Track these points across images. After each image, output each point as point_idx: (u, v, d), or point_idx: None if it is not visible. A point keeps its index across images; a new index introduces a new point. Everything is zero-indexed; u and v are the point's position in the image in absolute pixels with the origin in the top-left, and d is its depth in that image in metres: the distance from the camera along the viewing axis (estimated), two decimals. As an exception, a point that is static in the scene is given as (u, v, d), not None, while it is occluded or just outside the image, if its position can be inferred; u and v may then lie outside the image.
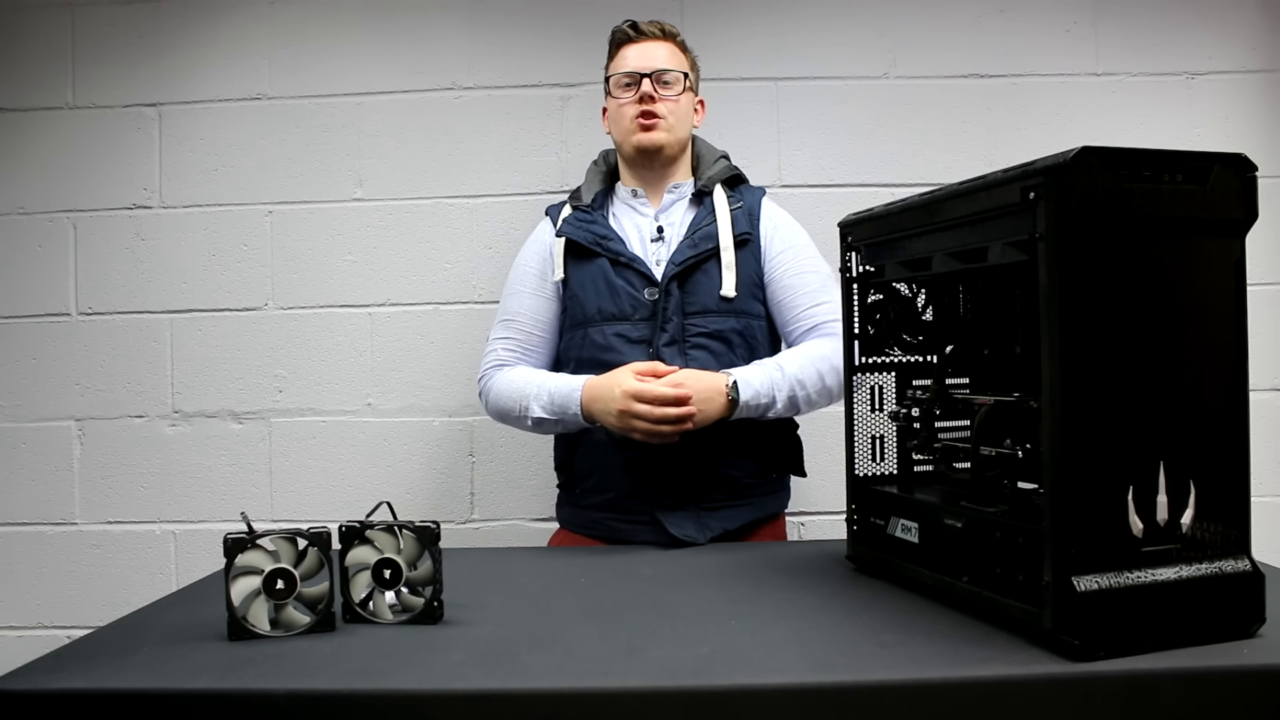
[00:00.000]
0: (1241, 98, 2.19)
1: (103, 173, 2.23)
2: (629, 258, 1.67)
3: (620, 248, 1.69)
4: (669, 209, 1.75)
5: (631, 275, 1.67)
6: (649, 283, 1.66)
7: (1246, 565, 0.93)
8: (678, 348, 1.64)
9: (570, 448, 1.72)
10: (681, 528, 1.57)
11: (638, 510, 1.62)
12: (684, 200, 1.76)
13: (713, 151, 1.82)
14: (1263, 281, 2.16)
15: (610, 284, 1.67)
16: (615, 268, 1.67)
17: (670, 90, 1.71)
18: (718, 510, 1.63)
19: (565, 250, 1.71)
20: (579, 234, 1.70)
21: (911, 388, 1.28)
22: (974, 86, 2.20)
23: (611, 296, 1.66)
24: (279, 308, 2.22)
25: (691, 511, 1.61)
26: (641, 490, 1.61)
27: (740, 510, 1.66)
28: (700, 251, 1.66)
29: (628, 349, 1.63)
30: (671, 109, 1.71)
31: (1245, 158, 0.94)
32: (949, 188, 1.05)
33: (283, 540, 1.03)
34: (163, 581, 2.19)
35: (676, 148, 1.74)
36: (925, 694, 0.85)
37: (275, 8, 2.23)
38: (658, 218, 1.74)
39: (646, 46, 1.74)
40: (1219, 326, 0.94)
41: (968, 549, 1.05)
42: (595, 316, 1.66)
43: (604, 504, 1.67)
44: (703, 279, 1.66)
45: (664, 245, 1.71)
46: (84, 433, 2.23)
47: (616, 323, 1.65)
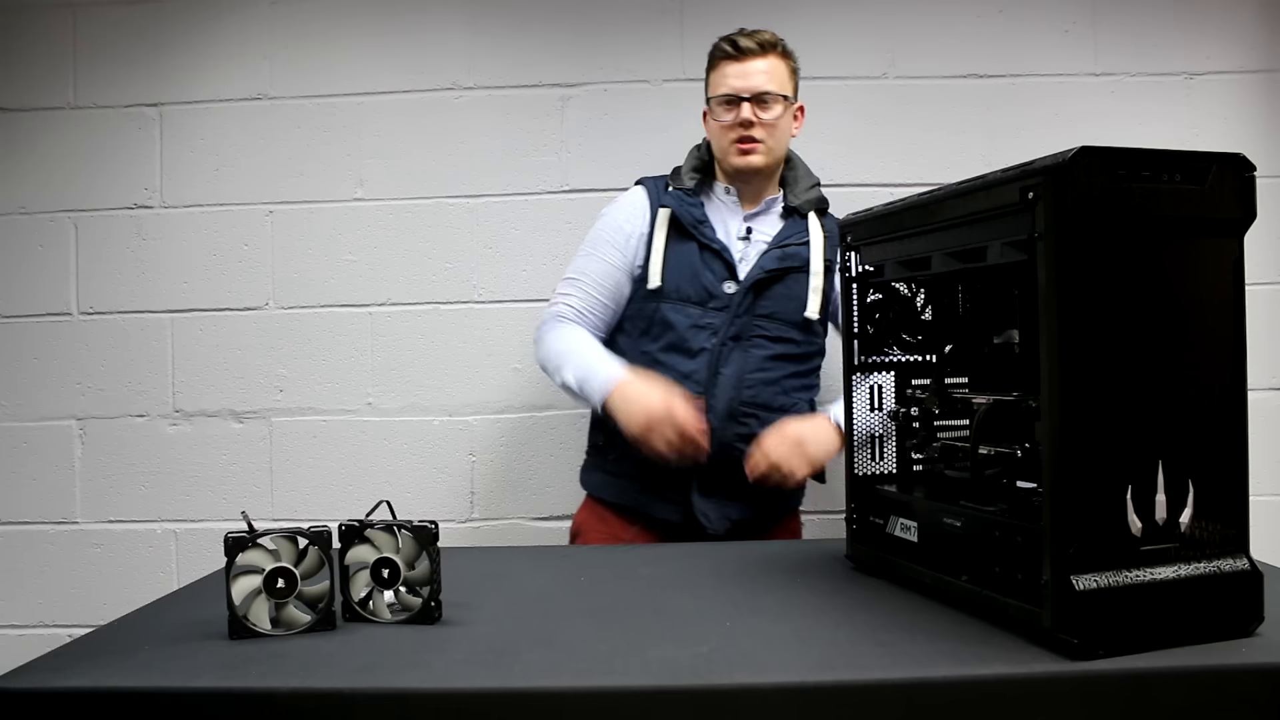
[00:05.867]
0: (1240, 98, 2.19)
1: (104, 173, 2.23)
2: (719, 246, 1.72)
3: (713, 234, 1.73)
4: (761, 215, 1.79)
5: (717, 264, 1.72)
6: (731, 276, 1.71)
7: (1245, 564, 0.93)
8: (742, 345, 1.69)
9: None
10: (706, 514, 1.66)
11: (664, 486, 1.68)
12: (774, 213, 1.80)
13: (809, 175, 1.86)
14: (1261, 281, 2.17)
15: (694, 267, 1.71)
16: (703, 253, 1.72)
17: (769, 112, 1.72)
18: (739, 501, 1.69)
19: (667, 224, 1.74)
20: (682, 212, 1.74)
21: (911, 387, 1.28)
22: (973, 87, 2.20)
23: (693, 279, 1.71)
24: (280, 307, 2.22)
25: (719, 499, 1.68)
26: (677, 469, 1.65)
27: (757, 503, 1.71)
28: (787, 265, 1.72)
29: (693, 332, 1.68)
30: (770, 131, 1.73)
31: (1244, 158, 0.94)
32: (948, 188, 1.05)
33: (283, 539, 1.03)
34: (163, 580, 2.20)
35: (774, 166, 1.79)
36: (925, 693, 0.85)
37: (276, 8, 2.23)
38: (748, 219, 1.78)
39: (748, 65, 1.72)
40: (1218, 326, 0.94)
41: (967, 548, 1.05)
42: (672, 294, 1.70)
43: (634, 473, 1.71)
44: (781, 291, 1.71)
45: (749, 246, 1.75)
46: (85, 432, 2.23)
47: (690, 305, 1.70)
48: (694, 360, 1.69)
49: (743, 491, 1.68)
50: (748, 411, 1.68)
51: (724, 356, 1.68)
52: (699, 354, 1.69)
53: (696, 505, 1.68)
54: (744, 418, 1.68)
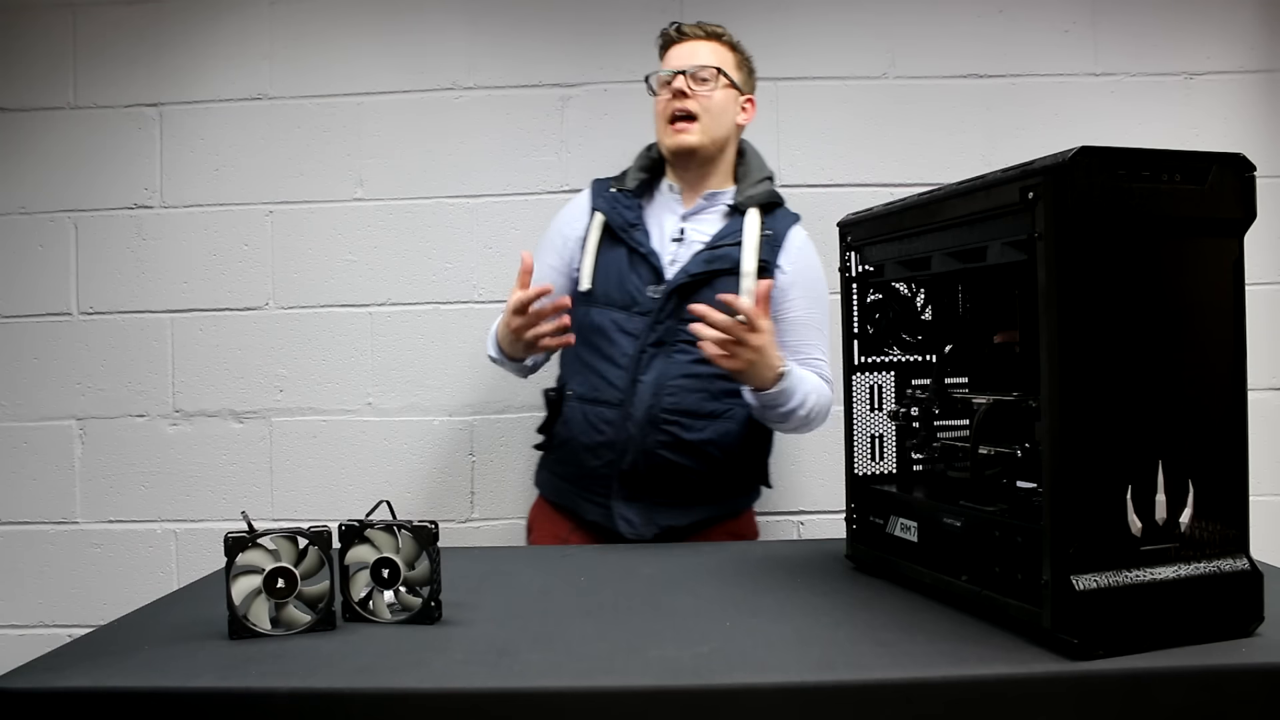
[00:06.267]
0: (1240, 98, 2.19)
1: (104, 173, 2.23)
2: (646, 250, 1.70)
3: (642, 239, 1.72)
4: (699, 214, 1.76)
5: (644, 269, 1.70)
6: (658, 280, 1.69)
7: (1245, 564, 0.93)
8: (665, 351, 1.67)
9: (553, 414, 1.77)
10: (627, 519, 1.66)
11: (594, 490, 1.69)
12: (717, 211, 1.76)
13: (761, 168, 1.81)
14: (1261, 281, 2.17)
15: (622, 271, 1.70)
16: (631, 257, 1.71)
17: (705, 87, 1.71)
18: (669, 507, 1.68)
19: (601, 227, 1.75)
20: (614, 216, 1.74)
21: (911, 387, 1.28)
22: (973, 87, 2.20)
23: (620, 284, 1.70)
24: (280, 307, 2.22)
25: (643, 505, 1.67)
26: (599, 473, 1.68)
27: (694, 509, 1.70)
28: (715, 268, 1.67)
29: (619, 336, 1.68)
30: (706, 105, 1.71)
31: (1243, 157, 0.94)
32: (948, 188, 1.05)
33: (283, 539, 1.03)
34: (163, 580, 2.20)
35: (711, 149, 1.74)
36: (924, 693, 0.85)
37: (276, 8, 2.23)
38: (684, 219, 1.76)
39: (688, 46, 1.75)
40: (1217, 326, 0.94)
41: (967, 548, 1.05)
42: (601, 298, 1.69)
43: (569, 476, 1.74)
44: (709, 295, 1.64)
45: (682, 247, 1.72)
46: (85, 432, 2.24)
47: (616, 310, 1.69)
48: (618, 366, 1.67)
49: (674, 497, 1.67)
50: (669, 419, 1.65)
51: (644, 363, 1.66)
52: (622, 360, 1.67)
53: (616, 510, 1.67)
54: (666, 425, 1.65)
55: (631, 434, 1.65)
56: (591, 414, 1.68)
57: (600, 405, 1.68)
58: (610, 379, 1.67)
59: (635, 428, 1.65)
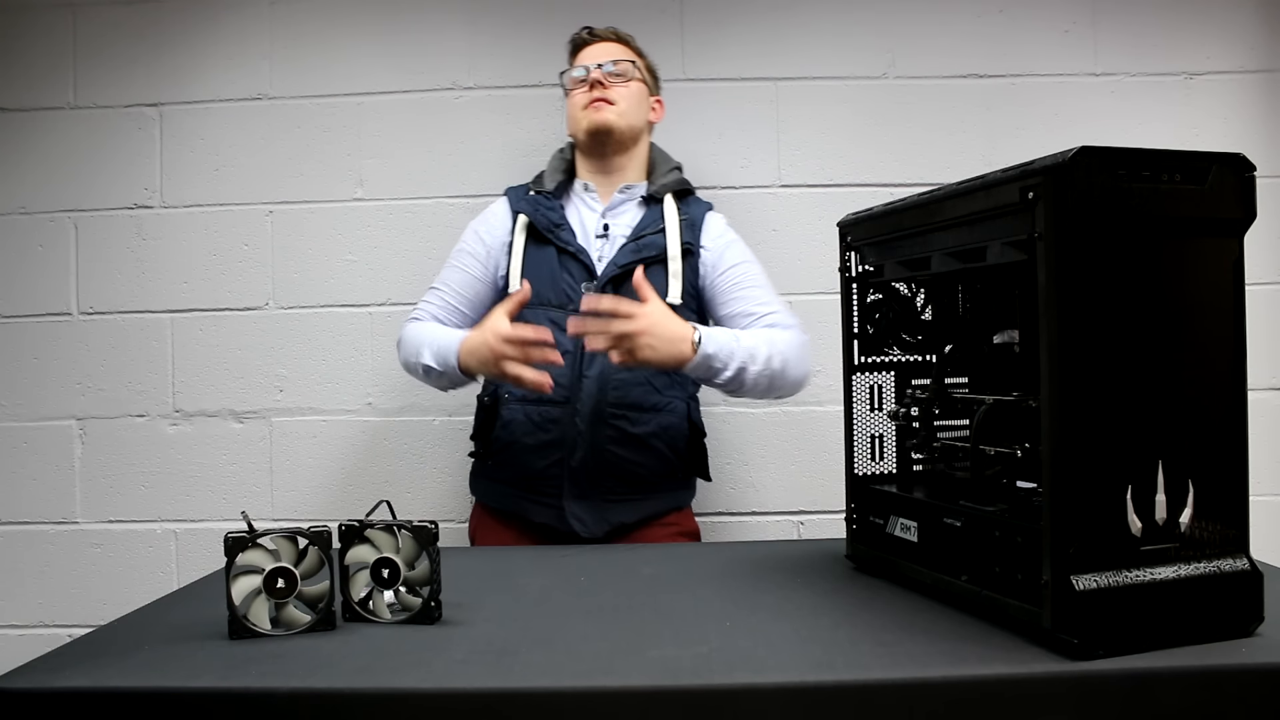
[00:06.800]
0: (1240, 98, 2.19)
1: (104, 173, 2.23)
2: (575, 248, 1.72)
3: (570, 237, 1.74)
4: (617, 208, 1.79)
5: (575, 266, 1.72)
6: (590, 276, 1.71)
7: (1245, 564, 0.93)
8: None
9: (488, 419, 1.76)
10: (579, 518, 1.67)
11: (544, 492, 1.69)
12: (633, 202, 1.80)
13: (667, 160, 1.87)
14: (1261, 281, 2.16)
15: (553, 271, 1.71)
16: (561, 256, 1.73)
17: (620, 80, 1.78)
18: (619, 503, 1.69)
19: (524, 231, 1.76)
20: (538, 217, 1.75)
21: (911, 387, 1.28)
22: (973, 87, 2.20)
23: (552, 283, 1.71)
24: (280, 307, 2.22)
25: (594, 502, 1.68)
26: (548, 474, 1.68)
27: (642, 504, 1.71)
28: (642, 257, 1.70)
29: (558, 335, 1.65)
30: (622, 94, 1.77)
31: (1244, 157, 0.94)
32: (948, 187, 1.05)
33: (283, 539, 1.03)
34: (163, 580, 2.20)
35: (627, 133, 1.78)
36: (924, 693, 0.85)
37: (275, 8, 2.23)
38: (605, 215, 1.78)
39: (601, 47, 1.83)
40: (1218, 326, 0.94)
41: (967, 548, 1.05)
42: (534, 300, 1.67)
43: (513, 479, 1.72)
44: None
45: (608, 243, 1.75)
46: (85, 432, 2.23)
47: (552, 309, 1.70)
48: (560, 366, 1.65)
49: (622, 493, 1.69)
50: (616, 413, 1.66)
51: (588, 359, 1.66)
52: (564, 358, 1.64)
53: (569, 509, 1.68)
54: (613, 419, 1.66)
55: (580, 430, 1.66)
56: (535, 414, 1.69)
57: (544, 404, 1.67)
58: (554, 377, 1.63)
59: (583, 423, 1.66)
